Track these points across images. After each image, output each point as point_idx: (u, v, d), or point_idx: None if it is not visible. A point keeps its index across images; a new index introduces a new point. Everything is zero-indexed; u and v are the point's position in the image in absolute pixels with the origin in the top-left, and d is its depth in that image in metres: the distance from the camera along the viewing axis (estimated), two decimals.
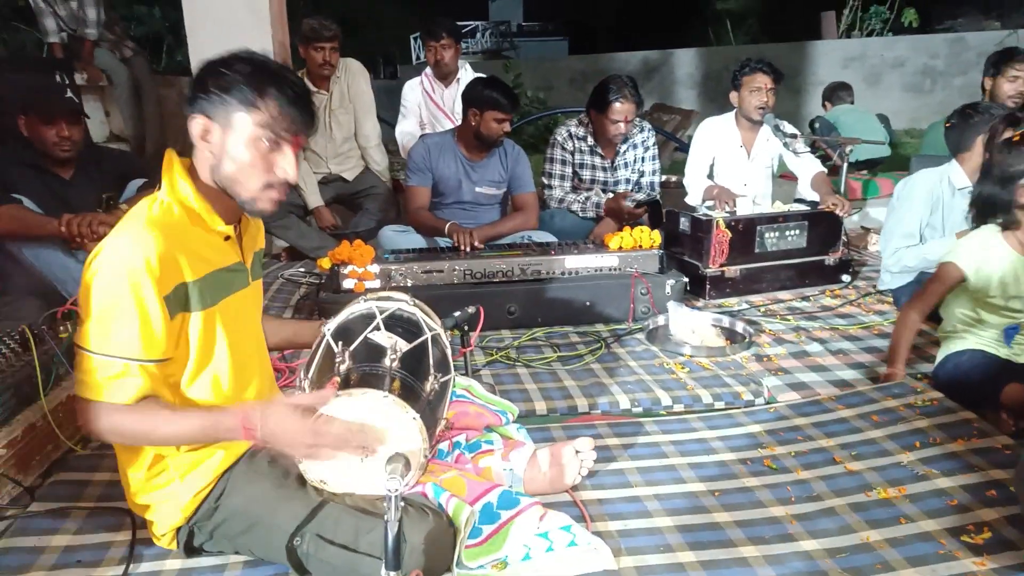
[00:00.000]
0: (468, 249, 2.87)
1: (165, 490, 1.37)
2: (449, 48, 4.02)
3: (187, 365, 1.34)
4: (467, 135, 3.22)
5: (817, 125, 5.21)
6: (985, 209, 2.09)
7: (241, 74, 1.28)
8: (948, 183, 2.71)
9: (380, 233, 3.26)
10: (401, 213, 3.82)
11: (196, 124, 1.30)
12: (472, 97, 3.15)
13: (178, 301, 1.30)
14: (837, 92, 5.46)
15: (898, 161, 5.75)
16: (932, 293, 2.20)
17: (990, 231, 2.11)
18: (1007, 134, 2.03)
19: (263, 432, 1.26)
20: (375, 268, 2.66)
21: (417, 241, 3.14)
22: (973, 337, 2.16)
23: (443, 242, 3.12)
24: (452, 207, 3.31)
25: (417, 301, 1.65)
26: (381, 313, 1.54)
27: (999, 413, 1.92)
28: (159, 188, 1.35)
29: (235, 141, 1.30)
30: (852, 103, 5.45)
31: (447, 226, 3.06)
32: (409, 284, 2.68)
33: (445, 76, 4.11)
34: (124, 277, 1.23)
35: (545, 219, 3.43)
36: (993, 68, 3.49)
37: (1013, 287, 2.09)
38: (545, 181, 3.60)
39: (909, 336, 2.21)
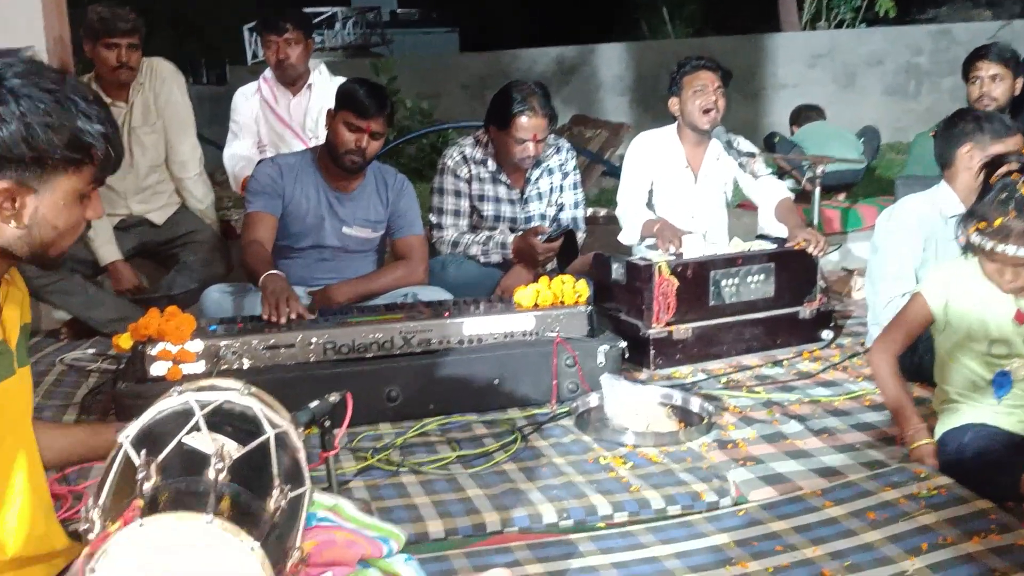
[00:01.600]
0: (283, 321, 2.78)
1: None
2: (296, 44, 4.06)
3: None
4: (329, 156, 3.26)
5: (776, 140, 5.56)
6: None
7: None
8: (939, 210, 2.95)
9: (204, 296, 3.23)
10: (234, 267, 3.78)
11: None
12: (335, 99, 3.23)
13: None
14: (805, 114, 5.88)
15: (882, 184, 6.18)
16: (897, 329, 2.42)
17: (966, 259, 2.31)
18: (1011, 167, 2.22)
19: None
20: (196, 345, 2.61)
21: (255, 305, 3.12)
22: (970, 407, 2.33)
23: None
24: (309, 254, 3.34)
25: (255, 389, 1.62)
26: (202, 408, 1.49)
27: (1021, 503, 2.02)
28: None
29: None
30: (824, 118, 5.86)
31: (262, 278, 2.97)
32: (246, 365, 2.65)
33: (291, 81, 4.14)
34: None
35: (435, 269, 3.47)
36: (963, 69, 3.87)
37: (994, 327, 2.26)
38: (433, 219, 3.66)
39: (899, 384, 2.39)
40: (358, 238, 3.36)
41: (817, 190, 3.86)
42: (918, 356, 2.68)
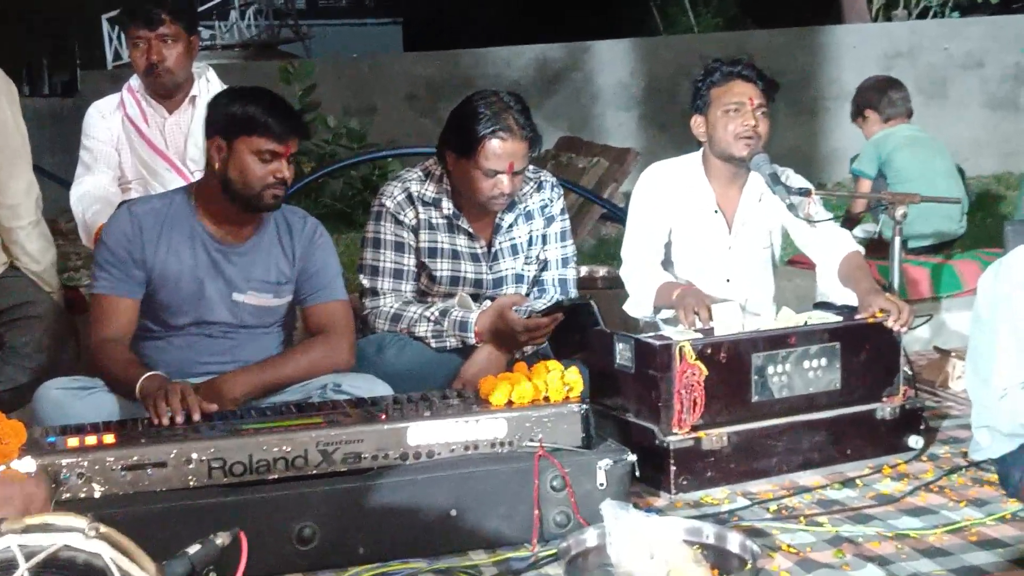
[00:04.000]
0: (179, 420, 2.81)
1: None
2: (175, 41, 4.05)
3: None
4: (214, 195, 3.26)
5: (855, 167, 5.61)
6: None
7: None
8: None
9: (39, 394, 3.19)
10: (81, 355, 3.72)
11: None
12: (215, 119, 3.24)
13: None
14: (882, 95, 5.86)
15: (986, 230, 6.24)
16: None
17: None
18: None
19: None
20: (27, 465, 2.53)
21: (112, 407, 3.10)
22: None
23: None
24: (188, 334, 3.34)
25: (107, 528, 1.59)
26: (28, 558, 1.47)
27: None
28: None
29: None
30: (909, 117, 5.85)
31: (139, 385, 2.98)
32: (98, 493, 2.61)
33: (167, 92, 4.15)
34: None
35: (368, 352, 3.47)
36: None
37: None
38: (365, 282, 3.66)
39: None
40: (256, 307, 3.35)
41: (898, 240, 3.90)
42: None
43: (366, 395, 3.14)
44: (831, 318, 3.48)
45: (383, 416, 2.87)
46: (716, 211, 3.81)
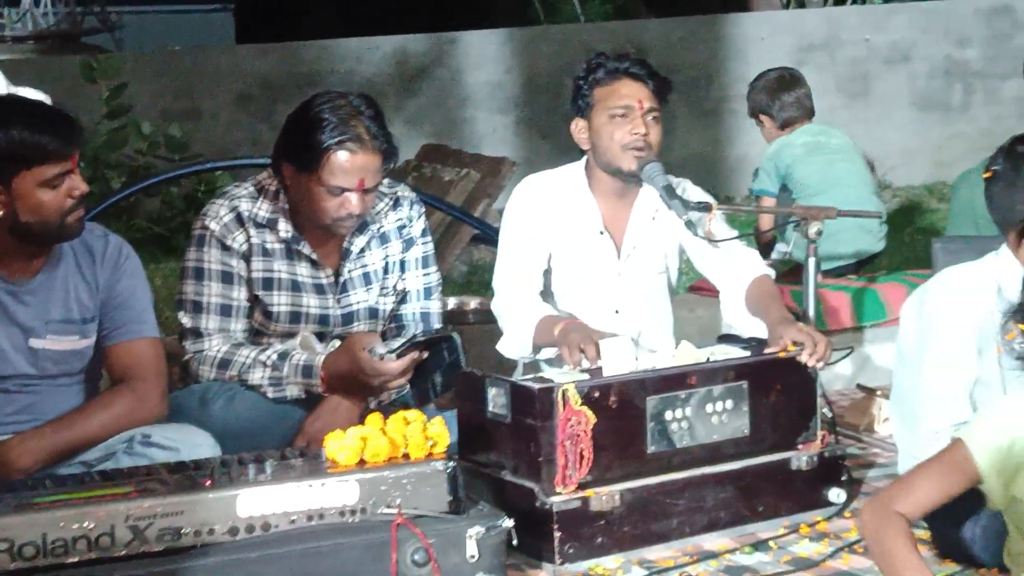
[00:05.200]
0: None
1: None
2: None
3: None
4: (17, 232, 3.20)
5: (754, 185, 5.70)
6: None
7: None
8: (998, 292, 3.04)
9: None
10: None
11: None
12: None
13: None
14: (773, 98, 5.95)
15: (912, 249, 6.40)
16: (921, 482, 2.46)
17: None
18: None
19: None
20: None
21: None
22: None
23: None
24: None
25: None
26: None
27: None
28: None
29: None
30: (811, 118, 5.92)
31: None
32: None
33: None
34: None
35: (189, 405, 3.46)
36: None
37: None
38: (186, 321, 3.62)
39: (917, 563, 2.38)
40: (59, 353, 3.29)
41: (812, 260, 3.96)
42: (976, 525, 2.76)
43: (185, 451, 3.11)
44: (737, 353, 3.54)
45: (207, 482, 2.83)
46: (602, 232, 3.84)
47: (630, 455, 3.27)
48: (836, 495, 3.49)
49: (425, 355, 3.46)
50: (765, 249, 4.69)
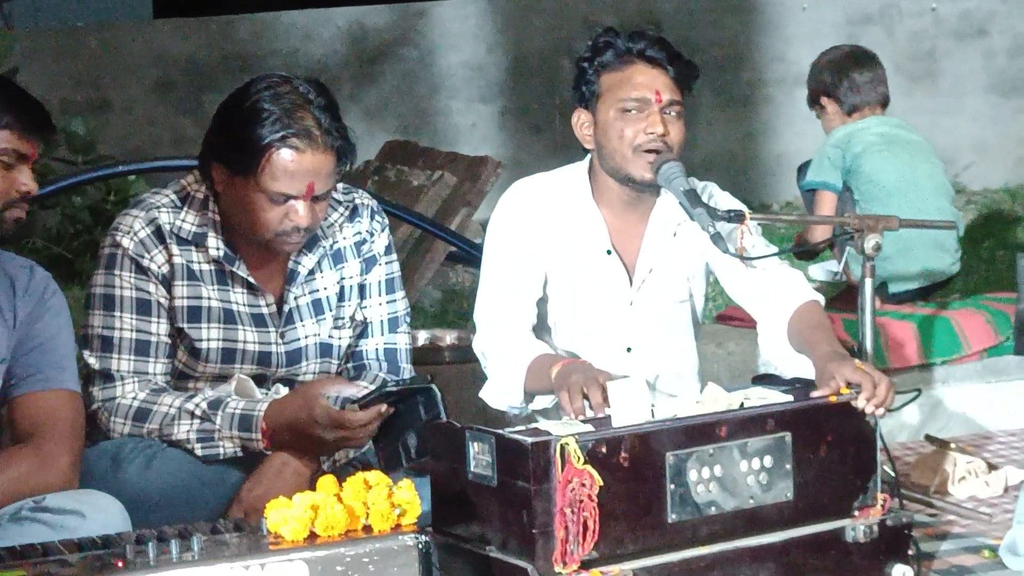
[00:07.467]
0: None
1: None
2: None
3: None
4: None
5: (808, 178, 5.70)
6: None
7: None
8: None
9: None
10: None
11: None
12: None
13: None
14: (842, 77, 5.97)
15: (991, 266, 6.40)
16: None
17: None
18: None
19: None
20: None
21: None
22: None
23: None
24: None
25: None
26: None
27: None
28: None
29: None
30: (884, 107, 5.96)
31: None
32: None
33: None
34: None
35: (99, 466, 3.49)
36: None
37: None
38: (94, 362, 3.60)
39: None
40: None
41: (868, 283, 3.96)
42: None
43: (89, 522, 3.05)
44: (778, 398, 3.44)
45: (119, 563, 2.71)
46: (610, 251, 3.81)
47: (646, 525, 3.17)
48: (901, 573, 3.45)
49: (390, 409, 3.46)
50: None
